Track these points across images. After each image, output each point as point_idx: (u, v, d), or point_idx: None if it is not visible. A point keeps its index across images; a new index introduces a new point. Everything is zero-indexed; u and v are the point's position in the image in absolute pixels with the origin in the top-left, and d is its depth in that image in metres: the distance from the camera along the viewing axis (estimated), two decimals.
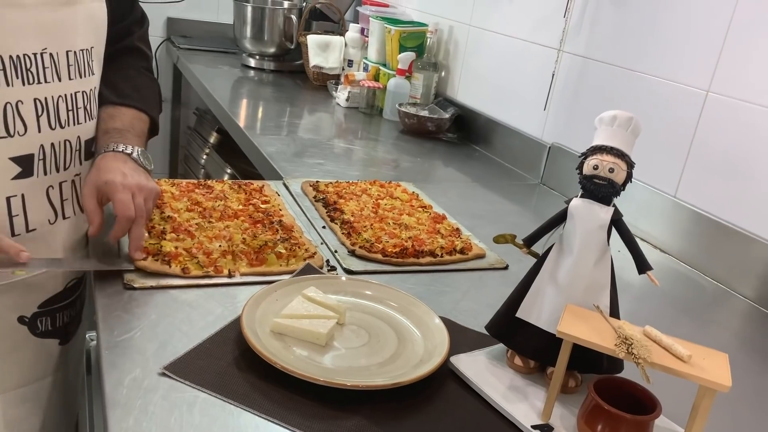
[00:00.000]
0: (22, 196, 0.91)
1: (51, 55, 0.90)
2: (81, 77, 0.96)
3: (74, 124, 0.97)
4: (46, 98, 0.90)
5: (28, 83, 0.87)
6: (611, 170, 0.77)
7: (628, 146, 0.79)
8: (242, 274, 1.00)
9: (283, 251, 1.06)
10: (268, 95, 2.39)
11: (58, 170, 0.96)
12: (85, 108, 0.99)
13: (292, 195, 1.38)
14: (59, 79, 0.92)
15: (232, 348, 0.82)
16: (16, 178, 0.90)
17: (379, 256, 1.13)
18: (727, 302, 1.23)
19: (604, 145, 0.78)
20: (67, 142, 0.96)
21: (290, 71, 2.74)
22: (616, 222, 0.79)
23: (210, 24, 3.11)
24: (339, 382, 0.76)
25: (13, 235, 0.92)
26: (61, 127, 0.94)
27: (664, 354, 0.72)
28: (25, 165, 0.90)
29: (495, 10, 1.99)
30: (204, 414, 0.71)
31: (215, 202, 1.22)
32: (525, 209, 1.59)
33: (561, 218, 0.82)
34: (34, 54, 0.87)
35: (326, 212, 1.29)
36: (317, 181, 1.44)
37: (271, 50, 2.72)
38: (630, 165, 0.78)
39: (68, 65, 0.93)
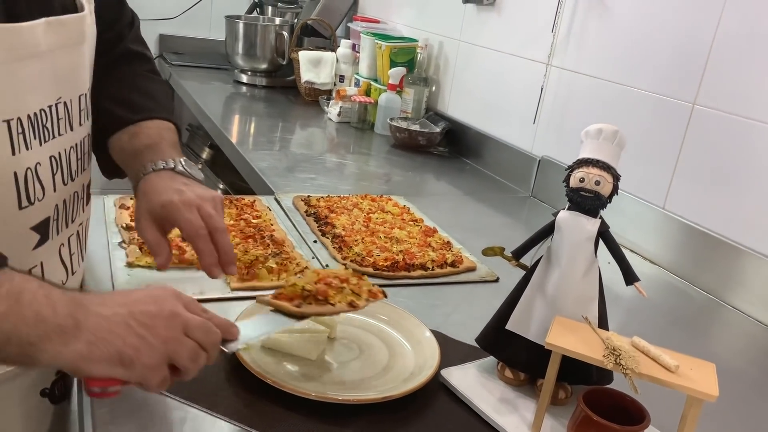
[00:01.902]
0: (41, 264, 0.78)
1: (65, 103, 0.77)
2: (88, 119, 0.84)
3: (82, 172, 0.84)
4: (60, 153, 0.77)
5: (44, 141, 0.74)
6: (597, 183, 0.78)
7: (614, 159, 0.80)
8: (233, 289, 1.00)
9: (275, 266, 1.06)
10: (260, 111, 2.40)
11: (67, 225, 0.82)
12: (89, 152, 0.87)
13: (283, 210, 1.38)
14: (71, 128, 0.79)
15: (223, 364, 0.82)
16: (36, 247, 0.76)
17: (371, 270, 1.14)
18: (717, 313, 1.24)
19: (590, 158, 0.79)
20: (76, 194, 0.83)
21: (282, 87, 2.75)
22: (603, 234, 0.80)
23: (202, 41, 3.13)
24: (330, 396, 0.76)
25: None
26: (72, 180, 0.81)
27: (652, 364, 0.72)
28: (43, 231, 0.77)
29: (484, 25, 2.01)
30: (194, 430, 0.71)
31: None
32: (516, 222, 1.60)
33: (549, 231, 0.83)
34: (50, 106, 0.74)
35: (317, 226, 1.29)
36: (309, 196, 1.45)
37: (263, 66, 2.73)
38: (616, 177, 0.79)
39: (80, 110, 0.81)
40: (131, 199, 1.26)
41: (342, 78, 2.50)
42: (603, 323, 0.82)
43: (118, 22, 0.98)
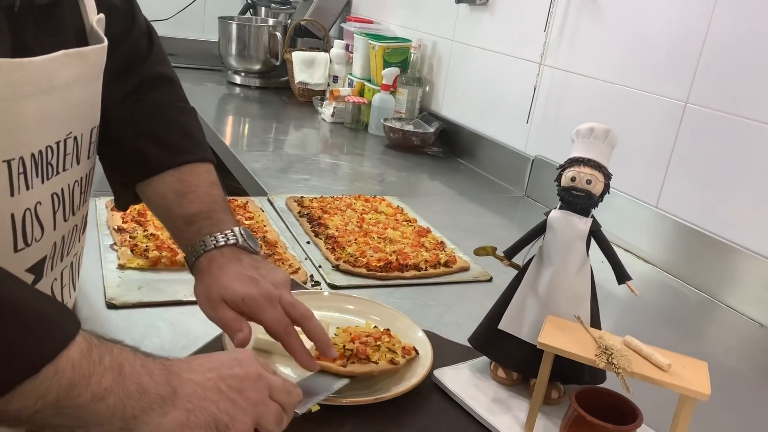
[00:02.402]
0: None
1: (75, 138, 0.70)
2: (92, 154, 0.77)
3: (83, 204, 0.77)
4: (63, 189, 0.71)
5: (47, 179, 0.67)
6: (589, 182, 0.78)
7: (605, 158, 0.80)
8: None
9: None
10: (254, 112, 2.40)
11: (62, 259, 0.76)
12: (91, 182, 0.79)
13: (276, 211, 1.38)
14: (78, 162, 0.72)
15: None
16: None
17: (364, 271, 1.13)
18: (710, 311, 1.24)
19: (581, 157, 0.79)
20: (75, 227, 0.77)
21: (276, 88, 2.74)
22: (595, 233, 0.80)
23: (195, 42, 3.12)
24: (324, 399, 0.76)
25: None
26: (73, 214, 0.74)
27: (644, 363, 0.72)
28: (38, 271, 0.71)
29: (477, 25, 2.01)
30: None
31: None
32: (510, 222, 1.60)
33: (540, 230, 0.82)
34: (57, 142, 0.67)
35: (310, 227, 1.29)
36: (302, 197, 1.44)
37: (257, 67, 2.72)
38: (607, 176, 0.79)
39: (90, 143, 0.74)
40: None
41: (335, 78, 2.49)
42: (595, 322, 0.81)
43: (131, 33, 0.86)
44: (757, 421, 0.91)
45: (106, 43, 0.73)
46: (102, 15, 0.74)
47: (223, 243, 0.78)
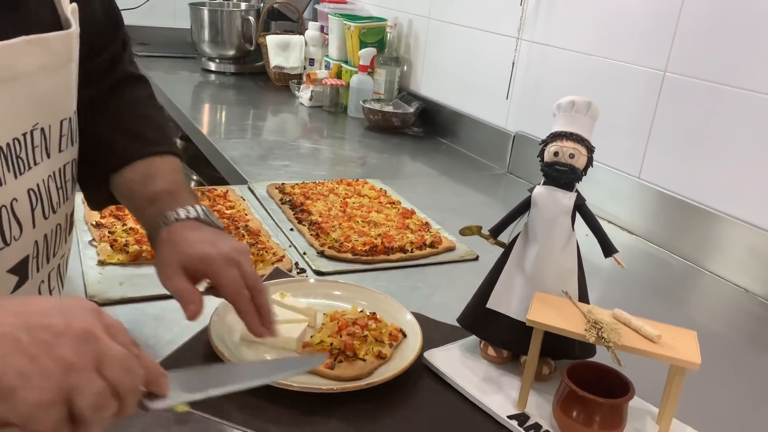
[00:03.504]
0: None
1: (42, 129, 0.68)
2: (72, 144, 0.75)
3: (64, 202, 0.76)
4: (38, 184, 0.69)
5: (20, 174, 0.65)
6: (572, 156, 0.77)
7: (588, 131, 0.79)
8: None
9: (251, 257, 1.04)
10: (230, 99, 2.36)
11: (48, 261, 0.74)
12: (73, 178, 0.78)
13: (257, 199, 1.36)
14: (48, 156, 0.71)
15: (201, 360, 0.81)
16: (14, 290, 0.67)
17: (349, 256, 1.12)
18: (695, 279, 1.25)
19: (563, 131, 0.78)
20: (59, 226, 0.75)
21: (251, 73, 2.70)
22: (580, 207, 0.79)
23: (167, 29, 3.06)
24: (314, 386, 0.75)
25: None
26: (54, 212, 0.72)
27: (634, 336, 0.72)
28: (21, 272, 0.68)
29: (452, 1, 1.99)
30: (178, 430, 0.69)
31: None
32: (493, 200, 1.60)
33: (525, 207, 0.82)
34: (24, 134, 0.65)
35: (293, 214, 1.27)
36: (283, 183, 1.42)
37: (231, 53, 2.68)
38: (590, 149, 0.78)
39: (60, 136, 0.72)
40: None
41: (312, 61, 2.46)
42: (583, 297, 0.81)
43: (114, 44, 0.88)
44: (746, 385, 0.91)
45: (72, 29, 0.70)
46: (75, 5, 0.72)
47: (184, 216, 0.79)
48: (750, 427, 0.81)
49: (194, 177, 2.46)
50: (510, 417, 0.75)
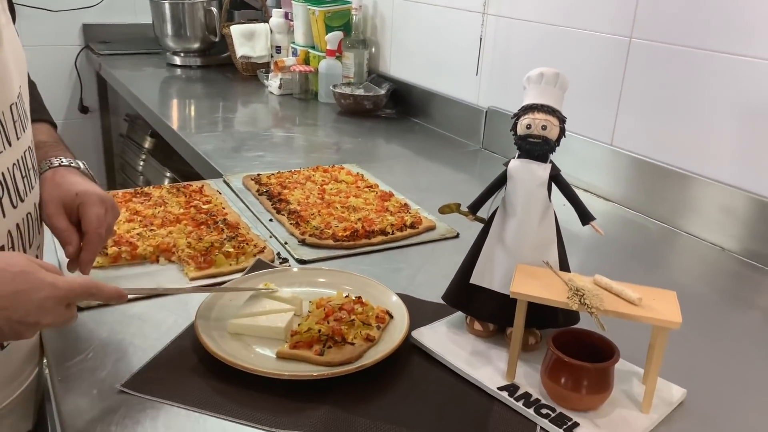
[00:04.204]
0: None
1: None
2: (24, 131, 0.78)
3: (30, 191, 0.79)
4: (3, 173, 0.72)
5: None
6: (544, 127, 0.78)
7: (558, 102, 0.80)
8: (192, 279, 0.98)
9: (231, 250, 1.04)
10: (199, 92, 2.33)
11: (25, 251, 0.78)
12: (33, 166, 0.82)
13: (234, 191, 1.35)
14: (9, 144, 0.73)
15: (190, 355, 0.80)
16: None
17: (331, 242, 1.12)
18: (673, 241, 1.27)
19: (534, 104, 0.79)
20: (29, 215, 0.79)
21: (218, 65, 2.67)
22: (555, 177, 0.80)
23: (128, 26, 3.00)
24: (304, 373, 0.75)
25: (1, 345, 0.78)
26: (21, 200, 0.76)
27: (616, 300, 0.73)
28: None
29: None
30: (169, 426, 0.69)
31: (155, 209, 1.19)
32: (470, 176, 1.60)
33: (501, 181, 0.82)
34: None
35: (271, 204, 1.27)
36: (259, 174, 1.41)
37: (195, 46, 2.64)
38: (562, 120, 0.79)
39: (14, 122, 0.75)
40: None
41: (278, 49, 2.43)
42: (564, 266, 0.82)
43: None
44: (727, 339, 0.94)
45: None
46: None
47: (67, 164, 0.88)
48: (732, 379, 0.84)
49: (167, 174, 2.43)
50: (500, 388, 0.76)
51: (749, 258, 1.17)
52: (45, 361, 0.86)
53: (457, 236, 1.19)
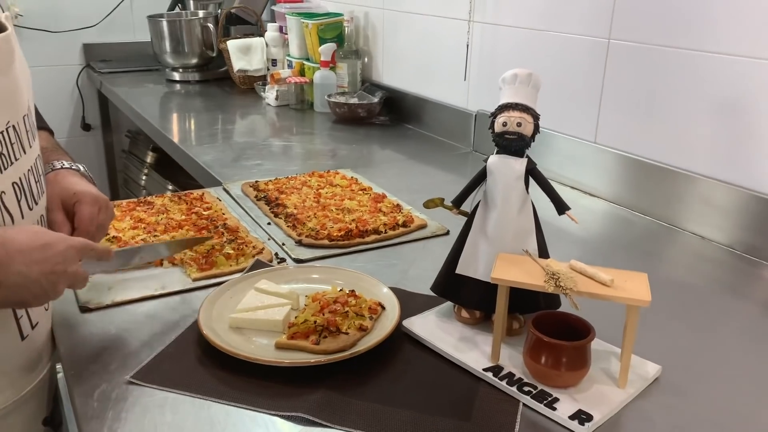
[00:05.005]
0: None
1: (14, 127, 0.78)
2: (34, 140, 0.85)
3: (42, 195, 0.86)
4: (20, 178, 0.79)
5: (5, 168, 0.76)
6: (519, 124, 0.83)
7: (532, 100, 0.85)
8: (194, 280, 1.03)
9: (231, 252, 1.09)
10: (198, 106, 2.39)
11: None
12: (43, 173, 0.89)
13: (233, 198, 1.41)
14: (24, 152, 0.80)
15: (194, 348, 0.86)
16: None
17: (326, 242, 1.17)
18: (658, 234, 1.32)
19: (509, 103, 0.84)
20: (42, 218, 0.86)
21: (216, 79, 2.74)
22: (531, 171, 0.85)
23: (128, 44, 3.07)
24: (302, 360, 0.80)
25: (21, 335, 0.83)
26: (36, 203, 0.83)
27: (589, 282, 0.78)
28: None
29: None
30: (175, 412, 0.75)
31: (158, 216, 1.24)
32: (460, 177, 1.65)
33: (482, 176, 0.88)
34: (1, 132, 0.76)
35: (269, 209, 1.32)
36: (256, 181, 1.47)
37: (193, 61, 2.71)
38: (536, 117, 0.84)
39: (26, 132, 0.82)
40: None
41: (274, 62, 2.50)
42: (543, 253, 0.87)
43: None
44: (703, 322, 0.98)
45: (8, 32, 0.78)
46: (8, 13, 0.81)
47: (68, 167, 0.97)
48: (706, 357, 0.88)
49: (169, 187, 2.49)
50: (485, 369, 0.81)
51: (731, 247, 1.22)
52: (58, 355, 0.91)
53: (447, 233, 1.24)
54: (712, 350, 0.91)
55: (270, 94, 2.32)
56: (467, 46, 1.79)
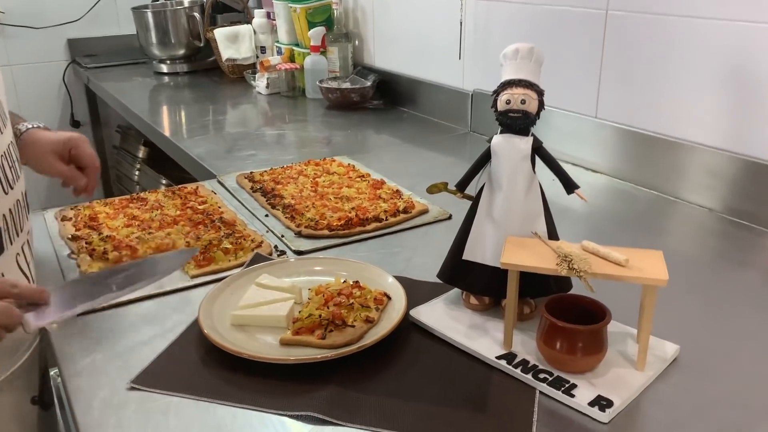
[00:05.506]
0: (2, 274, 0.82)
1: None
2: (5, 126, 0.87)
3: (17, 180, 0.87)
4: None
5: None
6: (523, 102, 0.80)
7: (535, 75, 0.82)
8: (193, 277, 1.00)
9: (230, 246, 1.06)
10: (187, 98, 2.35)
11: (18, 234, 0.87)
12: (17, 158, 0.90)
13: (228, 191, 1.37)
14: None
15: (196, 349, 0.83)
16: None
17: (326, 232, 1.14)
18: (661, 207, 1.29)
19: (512, 79, 0.81)
20: (18, 203, 0.88)
21: (204, 69, 2.69)
22: (538, 149, 0.82)
23: (113, 38, 3.01)
24: (309, 356, 0.77)
25: None
26: (11, 188, 0.85)
27: (603, 263, 0.75)
28: None
29: None
30: (180, 417, 0.72)
31: (152, 212, 1.21)
32: (460, 159, 1.62)
33: (486, 158, 0.84)
34: None
35: (266, 200, 1.29)
36: (251, 172, 1.43)
37: (181, 52, 2.66)
38: (540, 93, 0.81)
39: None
40: (71, 209, 1.24)
41: (263, 49, 2.45)
42: (553, 235, 0.84)
43: None
44: (717, 296, 0.96)
45: None
46: None
47: (37, 126, 1.04)
48: (724, 332, 0.86)
49: (163, 181, 2.45)
50: (498, 357, 0.78)
51: (736, 217, 1.20)
52: (51, 359, 0.89)
53: (449, 218, 1.21)
54: (728, 325, 0.88)
55: (260, 83, 2.27)
56: (461, 23, 1.75)
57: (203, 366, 0.80)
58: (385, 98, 2.11)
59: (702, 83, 1.24)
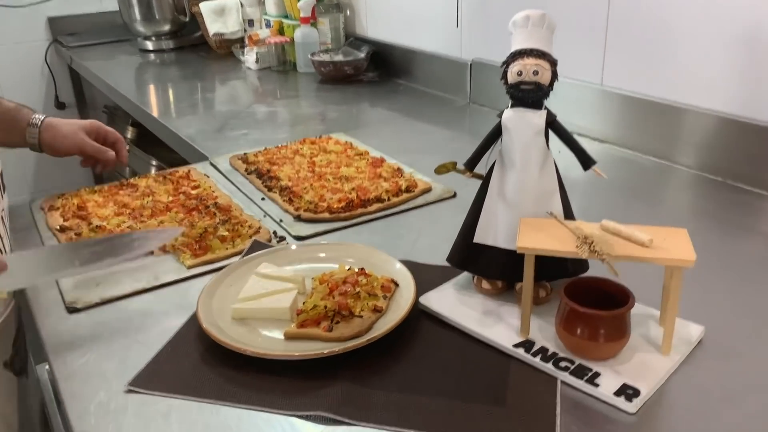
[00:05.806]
0: None
1: None
2: None
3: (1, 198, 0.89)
4: None
5: None
6: (536, 72, 0.74)
7: (548, 44, 0.76)
8: (189, 267, 0.95)
9: (226, 233, 1.01)
10: (175, 75, 2.28)
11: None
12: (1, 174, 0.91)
13: (222, 173, 1.32)
14: None
15: (196, 346, 0.78)
16: None
17: (327, 215, 1.10)
18: (671, 176, 1.25)
19: (523, 49, 0.75)
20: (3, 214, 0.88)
21: (191, 45, 2.61)
22: (552, 124, 0.77)
23: (95, 15, 2.92)
24: (316, 351, 0.73)
25: None
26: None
27: (626, 244, 0.71)
28: None
29: None
30: (182, 421, 0.68)
31: (143, 199, 1.16)
32: (460, 133, 1.57)
33: (497, 133, 0.79)
34: None
35: (262, 183, 1.23)
36: (245, 153, 1.38)
37: (166, 28, 2.57)
38: (553, 63, 0.76)
39: None
40: (59, 198, 1.18)
41: (251, 22, 2.37)
42: (568, 214, 0.80)
43: None
44: (737, 270, 0.92)
45: None
46: None
47: (44, 116, 1.10)
48: (748, 310, 0.82)
49: (153, 162, 2.39)
50: (515, 345, 0.74)
51: (747, 184, 1.15)
52: (43, 356, 0.85)
53: (454, 196, 1.17)
54: (752, 301, 0.84)
55: (249, 57, 2.20)
56: None
57: (204, 364, 0.75)
58: (380, 70, 2.05)
59: (706, 48, 1.18)
